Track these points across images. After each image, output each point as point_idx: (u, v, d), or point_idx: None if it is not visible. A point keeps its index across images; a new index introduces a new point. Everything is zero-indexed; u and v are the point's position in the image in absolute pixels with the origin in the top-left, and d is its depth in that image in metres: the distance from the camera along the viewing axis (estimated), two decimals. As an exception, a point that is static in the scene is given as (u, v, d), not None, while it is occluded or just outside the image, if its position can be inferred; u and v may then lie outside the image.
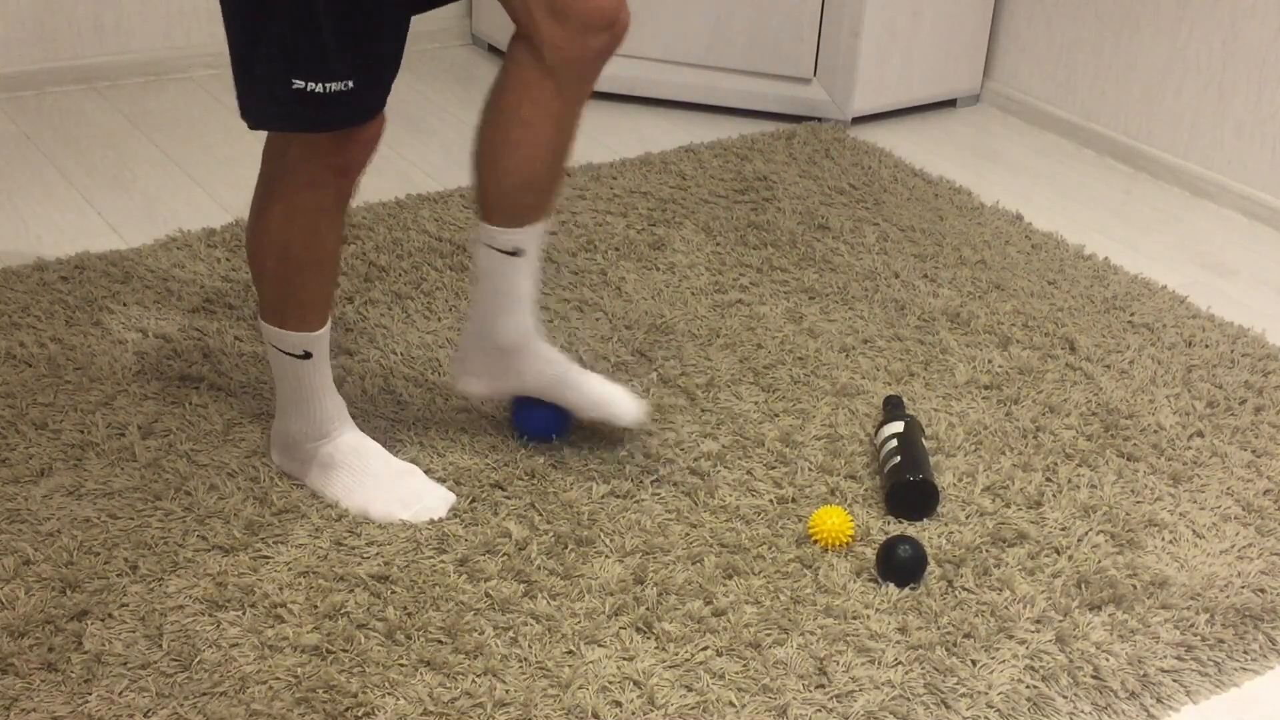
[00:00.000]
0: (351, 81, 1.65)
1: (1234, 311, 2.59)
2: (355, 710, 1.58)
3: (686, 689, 1.64)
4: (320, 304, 1.85)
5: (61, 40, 3.30)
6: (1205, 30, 3.03)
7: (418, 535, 1.85)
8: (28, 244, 2.59)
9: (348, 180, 1.76)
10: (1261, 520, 1.99)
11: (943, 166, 3.16)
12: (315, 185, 1.74)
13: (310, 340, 1.86)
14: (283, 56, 1.63)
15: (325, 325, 1.87)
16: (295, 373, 1.88)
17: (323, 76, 1.64)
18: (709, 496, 1.97)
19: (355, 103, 1.68)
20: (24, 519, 1.85)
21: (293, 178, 1.74)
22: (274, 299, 1.84)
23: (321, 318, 1.86)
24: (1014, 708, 1.65)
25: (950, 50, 3.42)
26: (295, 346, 1.86)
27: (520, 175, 1.87)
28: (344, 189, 1.77)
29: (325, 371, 1.90)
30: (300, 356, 1.86)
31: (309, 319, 1.85)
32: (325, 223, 1.78)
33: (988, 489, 2.02)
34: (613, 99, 3.44)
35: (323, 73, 1.63)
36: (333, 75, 1.64)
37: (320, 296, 1.84)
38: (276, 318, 1.84)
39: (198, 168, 2.95)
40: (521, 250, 1.91)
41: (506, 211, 1.89)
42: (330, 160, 1.73)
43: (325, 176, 1.74)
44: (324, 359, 1.89)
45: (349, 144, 1.72)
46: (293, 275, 1.81)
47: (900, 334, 2.42)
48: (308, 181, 1.74)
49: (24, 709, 1.56)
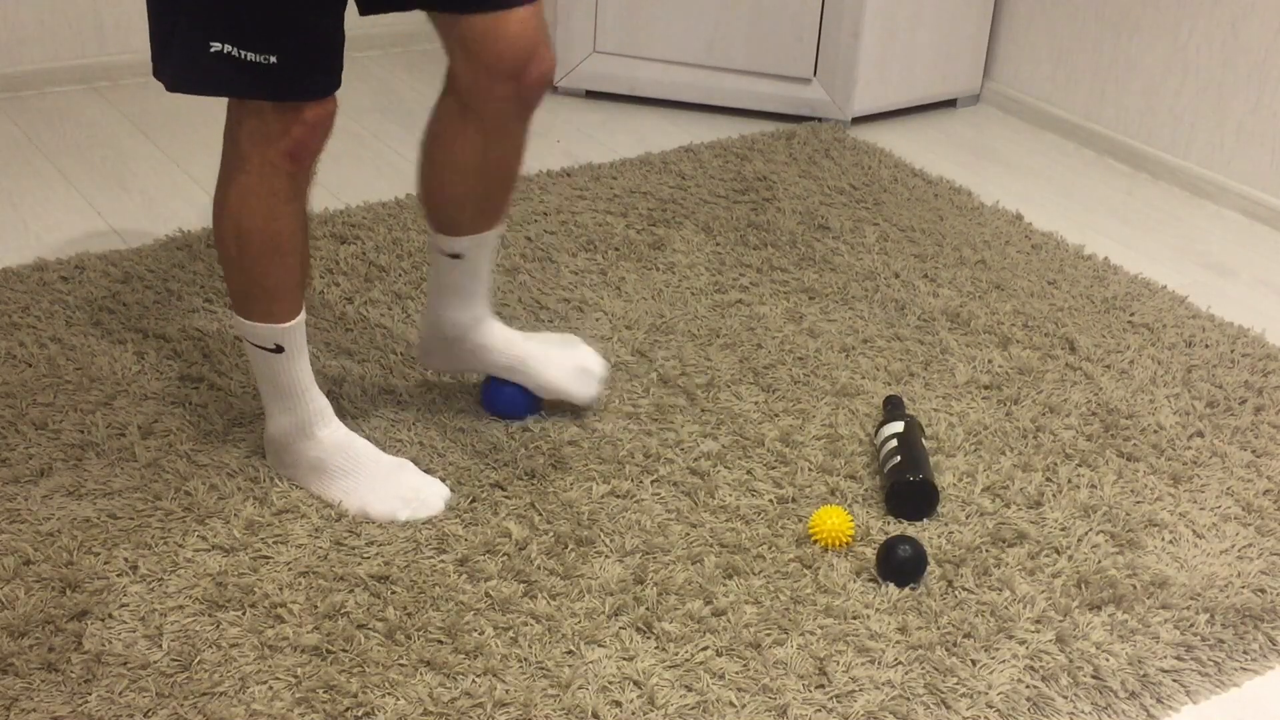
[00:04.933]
0: (274, 58, 1.66)
1: (1234, 311, 2.59)
2: (355, 710, 1.58)
3: (686, 689, 1.64)
4: (286, 295, 1.83)
5: (61, 40, 3.30)
6: (1205, 30, 3.03)
7: (418, 535, 1.85)
8: (28, 244, 2.59)
9: (300, 166, 1.76)
10: (1261, 520, 1.99)
11: (943, 166, 3.16)
12: (266, 169, 1.74)
13: (279, 333, 1.84)
14: (203, 20, 1.64)
15: (295, 318, 1.85)
16: (270, 368, 1.88)
17: (240, 43, 1.64)
18: (709, 496, 1.97)
19: (280, 79, 1.67)
20: (24, 519, 1.85)
21: (245, 162, 1.75)
22: (239, 289, 1.84)
23: (290, 310, 1.84)
24: (1014, 708, 1.65)
25: (950, 50, 3.42)
26: (265, 340, 1.85)
27: (445, 195, 1.94)
28: (297, 174, 1.77)
29: (303, 367, 1.89)
30: (272, 350, 1.85)
31: (275, 310, 1.83)
32: (280, 206, 1.77)
33: (988, 489, 2.02)
34: (613, 99, 3.44)
35: (240, 39, 1.64)
36: (251, 45, 1.65)
37: (285, 286, 1.83)
38: (242, 309, 1.84)
39: (198, 168, 2.95)
40: (461, 254, 1.97)
41: (441, 223, 1.96)
42: (278, 144, 1.72)
43: (275, 159, 1.73)
44: (299, 353, 1.87)
45: (295, 126, 1.71)
46: (253, 263, 1.80)
47: (900, 334, 2.42)
48: (259, 165, 1.74)
49: (24, 709, 1.56)
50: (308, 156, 1.76)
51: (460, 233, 1.95)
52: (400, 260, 2.56)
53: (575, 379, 2.08)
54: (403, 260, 2.56)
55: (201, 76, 1.68)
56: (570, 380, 2.08)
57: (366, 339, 2.31)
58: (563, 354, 2.09)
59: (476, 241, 1.96)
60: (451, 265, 1.98)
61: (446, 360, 2.10)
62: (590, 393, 2.09)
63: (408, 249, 2.60)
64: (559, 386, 2.07)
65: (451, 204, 1.94)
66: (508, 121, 1.86)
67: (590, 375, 2.09)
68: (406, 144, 3.11)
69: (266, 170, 1.74)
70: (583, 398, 2.09)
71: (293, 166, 1.75)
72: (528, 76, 1.80)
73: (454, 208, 1.94)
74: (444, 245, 1.96)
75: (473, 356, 2.07)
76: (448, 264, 1.98)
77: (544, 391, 2.08)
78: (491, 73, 1.79)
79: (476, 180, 1.90)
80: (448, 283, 2.01)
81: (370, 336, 2.32)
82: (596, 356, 2.12)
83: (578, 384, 2.08)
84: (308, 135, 1.73)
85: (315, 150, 1.76)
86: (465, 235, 1.95)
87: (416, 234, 2.66)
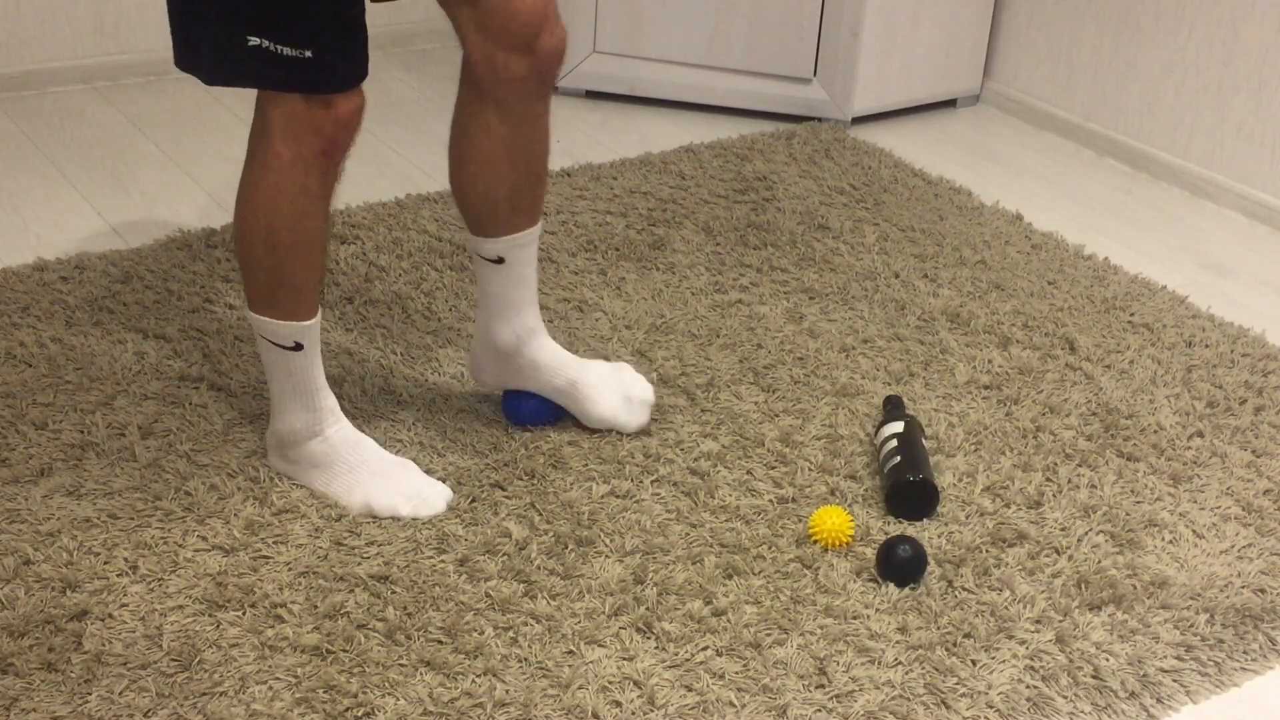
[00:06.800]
0: (309, 52, 1.67)
1: (1234, 311, 2.59)
2: (355, 710, 1.58)
3: (686, 689, 1.64)
4: (309, 292, 1.85)
5: (61, 40, 3.30)
6: (1205, 30, 3.03)
7: (418, 535, 1.85)
8: (28, 244, 2.59)
9: (331, 161, 1.77)
10: (1261, 520, 1.99)
11: (943, 166, 3.16)
12: (299, 166, 1.75)
13: (300, 330, 1.85)
14: (239, 15, 1.65)
15: (315, 316, 1.86)
16: (288, 366, 1.88)
17: (276, 38, 1.66)
18: (709, 496, 1.97)
19: (316, 72, 1.69)
20: (24, 519, 1.84)
21: (277, 159, 1.75)
22: (263, 287, 1.84)
23: (311, 307, 1.85)
24: (1014, 708, 1.65)
25: (950, 50, 3.42)
26: (286, 338, 1.85)
27: (476, 191, 1.93)
28: (328, 171, 1.78)
29: (318, 364, 1.90)
30: (291, 349, 1.86)
31: (299, 308, 1.84)
32: (311, 205, 1.78)
33: (988, 489, 2.02)
34: (613, 99, 3.44)
35: (276, 34, 1.65)
36: (287, 40, 1.66)
37: (309, 283, 1.84)
38: (266, 308, 1.84)
39: (198, 168, 2.95)
40: (503, 258, 1.95)
41: (478, 224, 1.95)
42: (311, 140, 1.73)
43: (309, 156, 1.74)
44: (315, 351, 1.89)
45: (327, 122, 1.72)
46: (281, 261, 1.81)
47: (900, 334, 2.42)
48: (291, 162, 1.74)
49: (24, 709, 1.56)
50: (339, 152, 1.77)
51: (497, 233, 1.93)
52: (400, 260, 2.56)
53: (625, 409, 2.07)
54: (403, 260, 2.56)
55: (238, 69, 1.69)
56: (620, 411, 2.06)
57: (366, 339, 2.31)
58: (613, 382, 2.07)
59: (515, 243, 1.94)
60: (494, 272, 1.97)
61: (499, 376, 2.08)
62: (640, 421, 2.08)
63: (408, 249, 2.60)
64: (609, 418, 2.06)
65: (484, 201, 1.93)
66: (527, 102, 1.86)
67: (640, 404, 2.08)
68: (406, 144, 3.11)
69: (299, 168, 1.75)
70: (632, 428, 2.08)
71: (325, 163, 1.76)
72: (541, 48, 1.81)
73: (486, 205, 1.93)
74: (484, 249, 1.95)
75: (524, 375, 2.05)
76: (491, 271, 1.97)
77: (592, 422, 2.06)
78: (505, 47, 1.80)
79: (505, 169, 1.89)
80: (494, 292, 1.99)
81: (370, 336, 2.32)
82: (645, 383, 2.09)
83: (627, 414, 2.07)
84: (340, 130, 1.74)
85: (347, 145, 1.77)
86: (502, 236, 1.93)
87: (416, 234, 2.66)
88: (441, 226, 2.69)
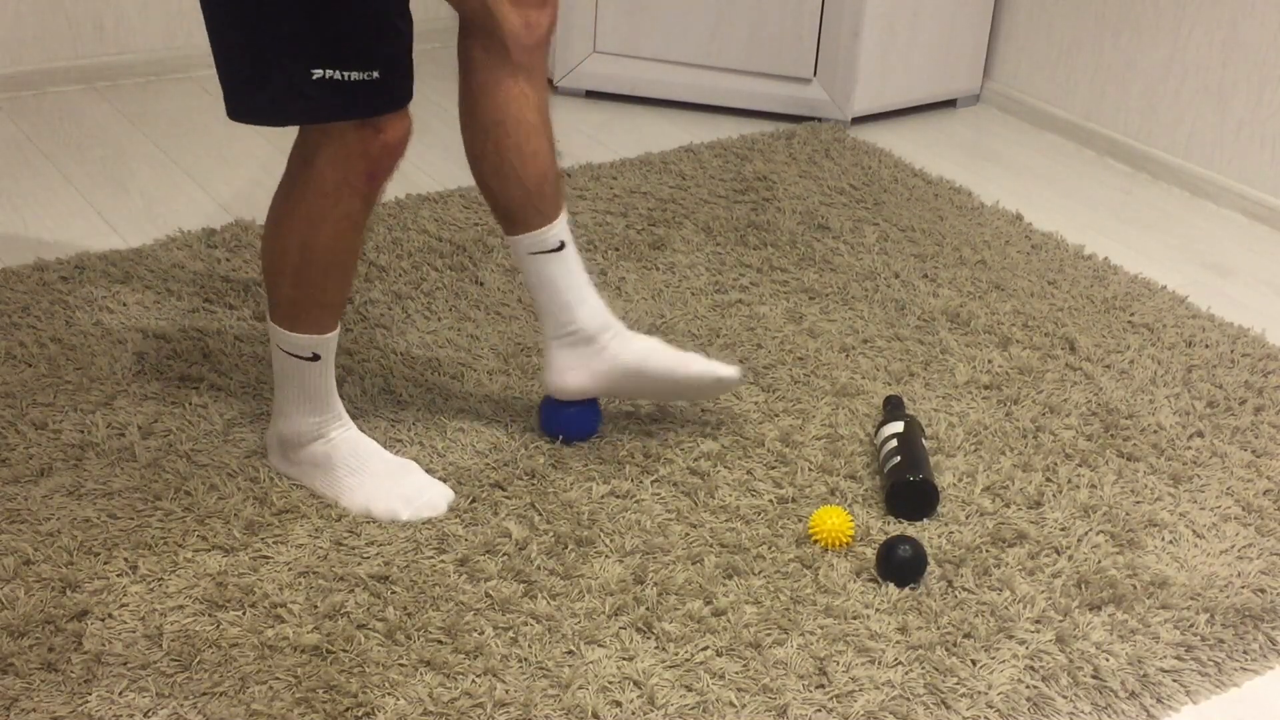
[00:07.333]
0: (377, 72, 1.67)
1: (1234, 311, 2.59)
2: (355, 710, 1.58)
3: (686, 689, 1.64)
4: (336, 307, 1.85)
5: (61, 40, 3.30)
6: (1205, 30, 3.03)
7: (418, 535, 1.85)
8: (28, 244, 2.59)
9: (376, 185, 1.76)
10: (1261, 520, 1.99)
11: (943, 166, 3.16)
12: (344, 190, 1.74)
13: (320, 343, 1.85)
14: (302, 50, 1.64)
15: (336, 328, 1.87)
16: (301, 375, 1.88)
17: (342, 65, 1.65)
18: (709, 496, 1.97)
19: (383, 92, 1.69)
20: (24, 519, 1.84)
21: (321, 182, 1.73)
22: (289, 303, 1.83)
23: (334, 321, 1.86)
24: (1014, 708, 1.65)
25: (950, 50, 3.42)
26: (305, 349, 1.85)
27: (537, 171, 1.90)
28: (372, 195, 1.77)
29: (330, 372, 1.90)
30: (308, 359, 1.86)
31: (323, 322, 1.84)
32: (351, 228, 1.77)
33: (988, 489, 2.02)
34: (613, 99, 3.44)
35: (341, 61, 1.65)
36: (353, 65, 1.65)
37: (338, 302, 1.84)
38: (289, 321, 1.84)
39: (198, 168, 2.95)
40: (564, 242, 1.94)
41: (539, 212, 1.92)
42: (360, 165, 1.72)
43: (355, 181, 1.73)
44: (330, 360, 1.89)
45: (373, 146, 1.72)
46: (313, 280, 1.80)
47: (900, 334, 2.42)
48: (336, 186, 1.73)
49: (24, 709, 1.56)
50: (385, 175, 1.76)
51: (553, 213, 1.90)
52: (400, 260, 2.56)
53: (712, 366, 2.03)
54: (403, 260, 2.56)
55: (305, 106, 1.67)
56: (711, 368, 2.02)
57: (366, 339, 2.31)
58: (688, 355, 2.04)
59: (565, 221, 1.94)
60: (561, 260, 1.93)
61: (588, 369, 2.00)
62: (732, 372, 2.03)
63: (408, 249, 2.60)
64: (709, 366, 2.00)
65: (539, 180, 1.89)
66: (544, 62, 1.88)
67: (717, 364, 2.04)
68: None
69: (345, 193, 1.74)
70: (731, 372, 2.02)
71: (369, 187, 1.75)
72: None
73: (543, 183, 1.90)
74: (548, 240, 1.92)
75: (619, 348, 1.98)
76: (559, 261, 1.93)
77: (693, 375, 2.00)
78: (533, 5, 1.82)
79: (547, 138, 1.89)
80: (568, 280, 1.95)
81: (370, 336, 2.32)
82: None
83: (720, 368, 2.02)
84: (386, 155, 1.73)
85: (391, 169, 1.76)
86: (557, 217, 1.91)
87: (416, 234, 2.66)
88: (441, 226, 2.70)
